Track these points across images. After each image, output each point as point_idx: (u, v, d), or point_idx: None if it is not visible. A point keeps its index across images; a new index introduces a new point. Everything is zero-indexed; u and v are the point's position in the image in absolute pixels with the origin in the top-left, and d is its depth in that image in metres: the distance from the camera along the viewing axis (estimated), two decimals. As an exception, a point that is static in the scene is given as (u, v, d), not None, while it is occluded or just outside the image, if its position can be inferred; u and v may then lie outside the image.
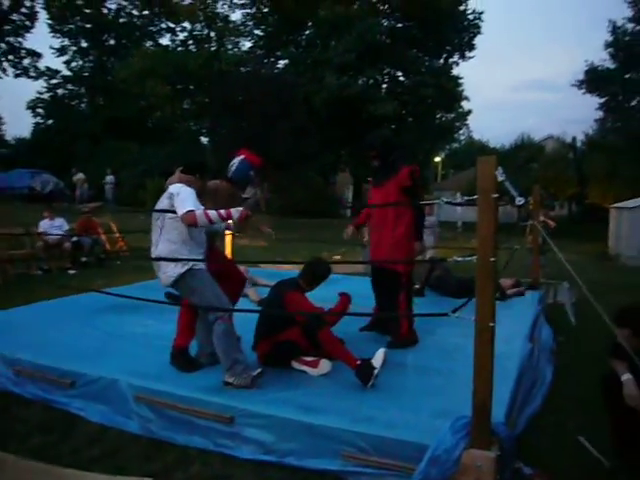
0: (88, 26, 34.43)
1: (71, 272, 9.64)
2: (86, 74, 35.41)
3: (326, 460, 2.87)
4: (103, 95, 34.66)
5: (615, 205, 16.21)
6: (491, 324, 2.49)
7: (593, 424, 3.57)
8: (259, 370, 3.63)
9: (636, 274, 11.53)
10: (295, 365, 3.89)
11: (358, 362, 3.59)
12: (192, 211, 3.44)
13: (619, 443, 3.14)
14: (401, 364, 3.95)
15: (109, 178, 23.80)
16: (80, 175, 23.02)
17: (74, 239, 10.26)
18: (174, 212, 3.54)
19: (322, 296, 4.28)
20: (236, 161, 4.24)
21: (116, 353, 4.15)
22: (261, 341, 3.98)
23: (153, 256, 3.68)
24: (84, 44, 35.38)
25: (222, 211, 3.51)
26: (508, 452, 2.66)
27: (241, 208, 3.61)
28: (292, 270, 8.07)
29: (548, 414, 3.81)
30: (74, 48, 35.15)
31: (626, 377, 3.01)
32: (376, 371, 3.51)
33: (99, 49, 35.68)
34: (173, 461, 3.06)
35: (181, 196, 3.53)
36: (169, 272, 3.60)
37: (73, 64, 35.30)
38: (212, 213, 3.48)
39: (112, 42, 36.27)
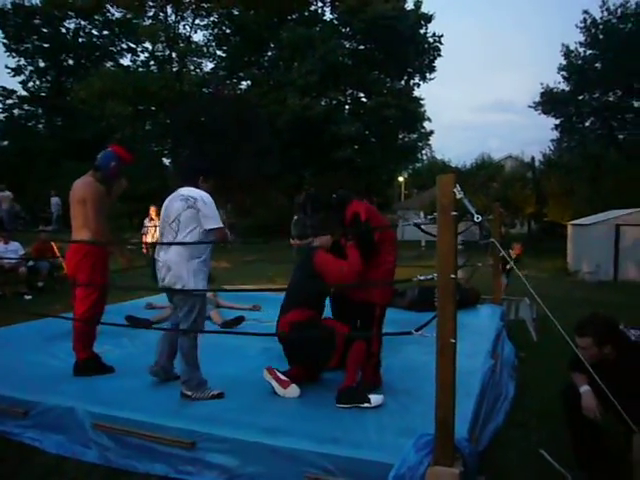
0: (46, 45, 34.01)
1: (27, 297, 9.36)
2: (43, 94, 34.88)
3: (291, 483, 2.82)
4: (61, 116, 34.14)
5: (573, 222, 16.65)
6: (452, 340, 2.50)
7: (555, 437, 3.62)
8: (219, 391, 3.67)
9: (595, 289, 11.83)
10: (266, 376, 3.82)
11: (355, 384, 3.59)
12: (224, 228, 3.75)
13: (580, 454, 3.19)
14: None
15: (54, 200, 22.80)
16: (6, 193, 20.78)
17: (30, 263, 9.99)
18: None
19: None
20: (103, 152, 4.47)
21: (72, 380, 4.02)
22: (294, 309, 3.87)
23: (162, 258, 3.73)
24: (41, 64, 34.91)
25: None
26: (471, 468, 2.66)
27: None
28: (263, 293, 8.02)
29: (511, 429, 3.85)
30: (31, 68, 34.68)
31: (584, 389, 3.06)
32: (365, 405, 3.47)
33: (57, 69, 35.28)
34: (133, 490, 2.97)
35: (209, 207, 3.70)
36: (183, 280, 3.65)
37: (30, 84, 34.84)
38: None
39: (71, 62, 35.88)
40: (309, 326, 3.81)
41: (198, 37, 48.87)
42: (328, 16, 31.78)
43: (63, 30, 34.72)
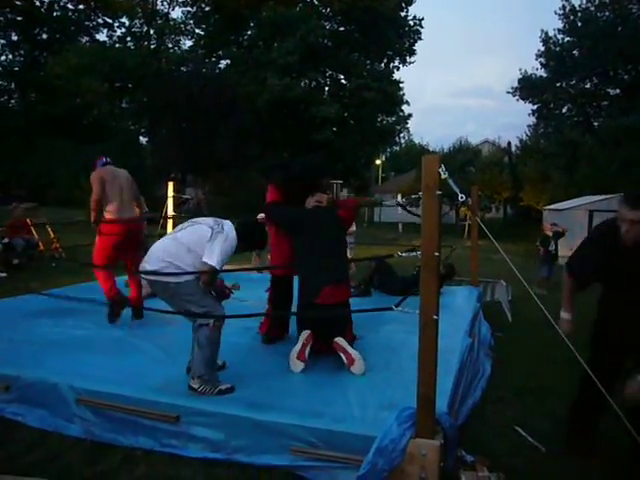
0: (19, 19, 33.09)
1: (2, 275, 9.22)
2: (17, 69, 34.03)
3: (275, 456, 2.88)
4: (35, 91, 33.36)
5: (548, 207, 16.94)
6: (435, 317, 2.56)
7: (529, 413, 3.75)
8: (228, 385, 3.40)
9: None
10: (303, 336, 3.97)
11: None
12: (216, 269, 3.35)
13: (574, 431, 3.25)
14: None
15: None
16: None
17: (5, 240, 9.83)
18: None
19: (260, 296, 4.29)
20: None
21: (55, 356, 4.00)
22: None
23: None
24: (14, 37, 33.99)
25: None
26: (451, 441, 2.75)
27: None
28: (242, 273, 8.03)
29: (488, 405, 3.95)
30: (3, 41, 33.77)
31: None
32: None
33: (31, 43, 34.35)
34: (118, 463, 2.99)
35: (220, 245, 3.36)
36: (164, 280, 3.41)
37: (2, 58, 33.94)
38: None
39: (45, 36, 34.99)
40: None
41: (177, 14, 48.01)
42: (308, -4, 31.52)
43: (37, 3, 33.79)
